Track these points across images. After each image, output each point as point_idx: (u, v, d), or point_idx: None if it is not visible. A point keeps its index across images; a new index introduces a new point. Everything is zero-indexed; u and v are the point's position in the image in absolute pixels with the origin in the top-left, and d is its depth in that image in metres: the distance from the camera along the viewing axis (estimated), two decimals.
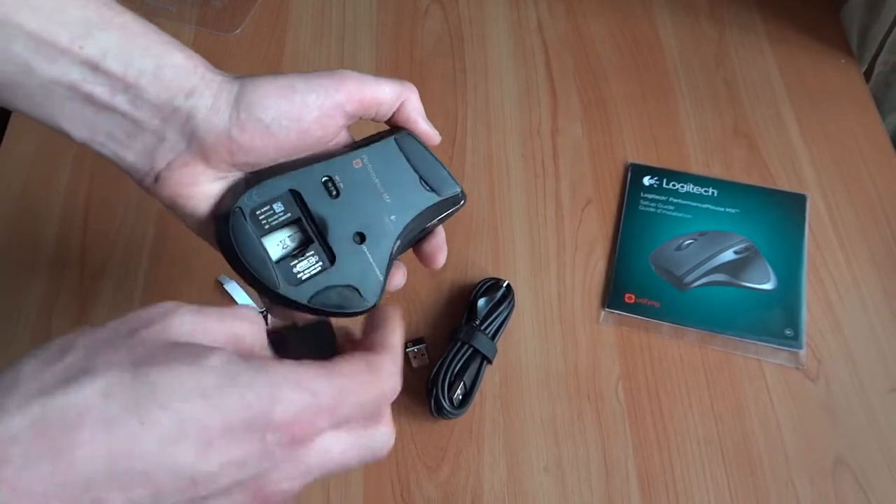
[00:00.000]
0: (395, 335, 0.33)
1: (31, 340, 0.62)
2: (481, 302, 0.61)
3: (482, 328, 0.59)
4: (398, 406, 0.59)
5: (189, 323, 0.28)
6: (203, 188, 0.36)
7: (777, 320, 0.62)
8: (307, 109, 0.36)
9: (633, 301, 0.63)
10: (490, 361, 0.59)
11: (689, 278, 0.64)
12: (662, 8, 0.81)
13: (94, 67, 0.33)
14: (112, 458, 0.23)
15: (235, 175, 0.37)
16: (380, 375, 0.30)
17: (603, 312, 0.63)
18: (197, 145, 0.35)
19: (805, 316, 0.62)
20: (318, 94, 0.36)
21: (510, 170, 0.70)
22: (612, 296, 0.63)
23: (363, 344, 0.33)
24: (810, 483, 0.56)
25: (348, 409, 0.28)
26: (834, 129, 0.73)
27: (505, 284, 0.62)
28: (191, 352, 0.26)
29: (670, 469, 0.57)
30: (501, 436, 0.58)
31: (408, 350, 0.60)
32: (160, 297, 0.63)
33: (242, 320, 0.30)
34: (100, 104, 0.34)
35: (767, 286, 0.63)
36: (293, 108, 0.35)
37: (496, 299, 0.61)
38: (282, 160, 0.37)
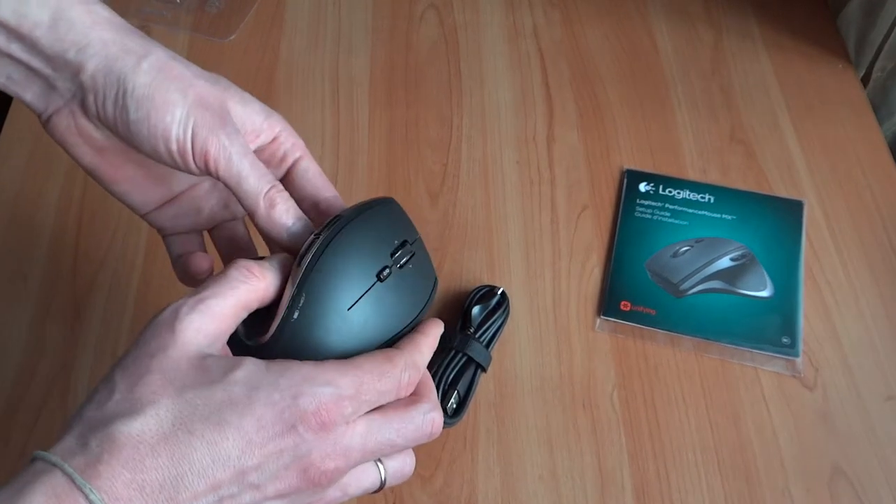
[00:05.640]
0: (420, 337, 0.37)
1: (24, 349, 0.61)
2: (476, 310, 0.60)
3: (476, 336, 0.59)
4: None
5: (196, 326, 0.32)
6: (87, 139, 0.38)
7: (774, 328, 0.61)
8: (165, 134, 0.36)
9: (628, 308, 0.63)
10: (484, 369, 0.58)
11: (685, 285, 0.63)
12: (658, 14, 0.81)
13: None
14: (174, 462, 0.29)
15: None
16: (395, 365, 0.34)
17: (598, 320, 0.63)
18: (80, 99, 0.37)
19: (802, 323, 0.62)
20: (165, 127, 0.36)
21: (505, 176, 0.70)
22: (608, 303, 0.63)
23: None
24: (807, 492, 0.55)
25: (369, 395, 0.33)
26: (831, 135, 0.72)
27: (500, 292, 0.61)
28: (219, 369, 0.31)
29: (666, 478, 0.56)
30: (496, 444, 0.57)
31: None
32: (152, 307, 0.64)
33: (242, 284, 0.34)
34: None
35: (764, 293, 0.63)
36: (159, 125, 0.36)
37: (491, 307, 0.61)
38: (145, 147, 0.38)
